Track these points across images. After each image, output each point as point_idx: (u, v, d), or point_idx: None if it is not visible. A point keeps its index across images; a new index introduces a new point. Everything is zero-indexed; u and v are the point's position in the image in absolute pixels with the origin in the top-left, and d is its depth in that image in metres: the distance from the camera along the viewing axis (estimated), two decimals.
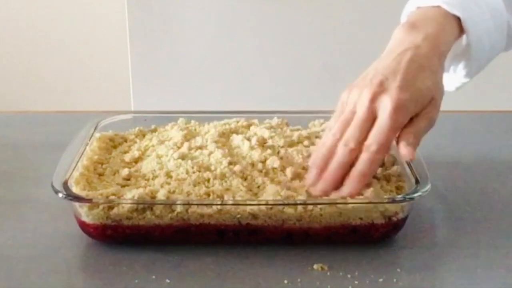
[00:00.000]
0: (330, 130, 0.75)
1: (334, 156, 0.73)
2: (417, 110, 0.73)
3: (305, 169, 0.77)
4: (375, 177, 0.75)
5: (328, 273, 0.67)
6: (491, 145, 0.99)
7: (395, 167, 0.77)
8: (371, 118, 0.72)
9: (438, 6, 0.77)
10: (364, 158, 0.72)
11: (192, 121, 0.90)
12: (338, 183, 0.73)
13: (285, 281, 0.66)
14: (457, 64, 0.83)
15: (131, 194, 0.70)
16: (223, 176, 0.74)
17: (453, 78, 0.85)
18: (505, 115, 1.13)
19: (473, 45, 0.79)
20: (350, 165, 0.73)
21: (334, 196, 0.72)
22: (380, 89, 0.72)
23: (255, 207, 0.69)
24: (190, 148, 0.80)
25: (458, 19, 0.77)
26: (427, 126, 0.74)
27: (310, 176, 0.74)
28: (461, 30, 0.78)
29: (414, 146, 0.73)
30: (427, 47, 0.74)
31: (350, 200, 0.70)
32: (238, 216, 0.70)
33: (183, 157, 0.78)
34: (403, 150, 0.72)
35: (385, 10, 1.63)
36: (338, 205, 0.69)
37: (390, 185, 0.75)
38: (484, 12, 0.79)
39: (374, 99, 0.72)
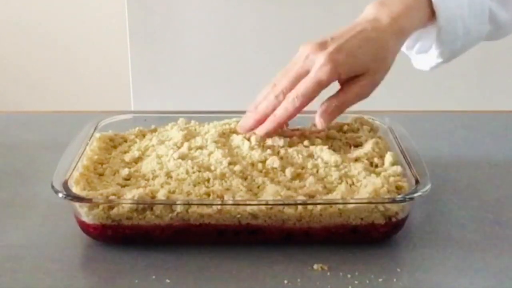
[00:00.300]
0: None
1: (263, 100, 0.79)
2: (348, 75, 0.76)
3: (304, 169, 0.77)
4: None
5: (328, 273, 0.67)
6: (491, 145, 0.99)
7: (395, 167, 0.77)
8: (303, 73, 0.77)
9: None
10: (281, 105, 0.78)
11: (192, 121, 0.90)
12: (259, 124, 0.80)
13: (285, 281, 0.66)
14: (431, 46, 0.85)
15: (131, 194, 0.70)
16: (223, 176, 0.74)
17: (427, 58, 0.88)
18: (505, 115, 1.13)
19: (443, 28, 0.81)
20: (276, 108, 0.78)
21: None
22: (320, 48, 0.76)
23: (255, 207, 0.69)
24: (190, 148, 0.80)
25: (430, 1, 0.79)
26: (356, 98, 0.78)
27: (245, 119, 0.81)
28: (433, 13, 0.80)
29: (331, 116, 0.78)
30: (387, 23, 0.77)
31: (350, 200, 0.70)
32: (238, 216, 0.70)
33: (183, 157, 0.78)
34: (317, 118, 0.78)
35: None
36: (338, 205, 0.69)
37: (390, 185, 0.74)
38: None
39: (311, 54, 0.77)
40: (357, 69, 0.77)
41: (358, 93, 0.78)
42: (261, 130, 0.80)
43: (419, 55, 0.87)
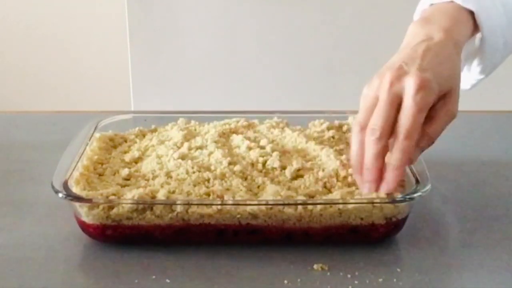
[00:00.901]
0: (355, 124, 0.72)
1: (365, 151, 0.70)
2: (439, 93, 0.70)
3: (304, 169, 0.77)
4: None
5: (328, 273, 0.67)
6: (491, 145, 0.99)
7: None
8: (395, 102, 0.69)
9: (451, 1, 0.77)
10: (395, 149, 0.69)
11: (192, 121, 0.90)
12: (380, 176, 0.70)
13: (285, 281, 0.66)
14: (471, 61, 0.83)
15: (131, 194, 0.70)
16: (223, 176, 0.74)
17: (467, 75, 0.85)
18: (505, 115, 1.13)
19: (487, 39, 0.79)
20: (385, 153, 0.70)
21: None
22: (401, 72, 0.70)
23: (255, 207, 0.69)
24: (190, 148, 0.80)
25: (471, 13, 0.77)
26: (448, 121, 0.72)
27: (357, 181, 0.72)
28: (474, 24, 0.78)
29: (423, 149, 0.72)
30: (442, 37, 0.74)
31: (350, 201, 0.70)
32: (238, 216, 0.70)
33: (183, 157, 0.78)
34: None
35: (385, 11, 1.64)
36: (338, 205, 0.69)
37: None
38: (498, 6, 0.79)
39: (395, 81, 0.69)
40: (444, 88, 0.71)
41: (448, 119, 0.72)
42: (387, 187, 0.70)
43: None
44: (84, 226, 0.71)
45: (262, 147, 0.80)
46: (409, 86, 0.69)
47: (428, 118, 0.71)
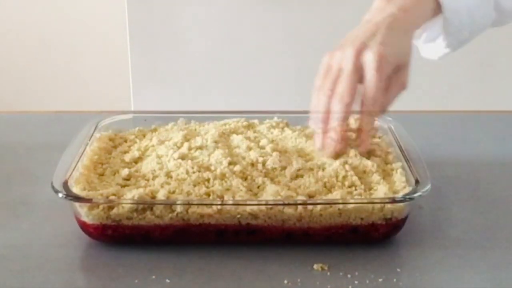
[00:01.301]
0: (319, 90, 0.79)
1: (332, 114, 0.77)
2: (394, 66, 0.78)
3: (304, 169, 0.77)
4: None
5: (328, 273, 0.67)
6: (491, 145, 0.99)
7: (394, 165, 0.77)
8: (358, 73, 0.77)
9: None
10: (367, 119, 0.78)
11: (192, 121, 0.90)
12: (345, 138, 0.78)
13: (285, 281, 0.66)
14: (438, 36, 0.87)
15: (131, 194, 0.70)
16: (223, 176, 0.74)
17: (435, 47, 0.90)
18: (505, 115, 1.13)
19: (449, 19, 0.83)
20: (348, 116, 0.78)
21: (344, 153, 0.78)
22: (362, 46, 0.77)
23: (255, 207, 0.69)
24: (190, 148, 0.80)
25: None
26: (399, 92, 0.80)
27: (316, 141, 0.79)
28: (439, 4, 0.82)
29: (377, 116, 0.81)
30: (402, 17, 0.79)
31: (350, 201, 0.70)
32: (238, 216, 0.70)
33: (183, 157, 0.78)
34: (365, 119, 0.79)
35: None
36: (338, 205, 0.69)
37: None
38: None
39: (358, 54, 0.77)
40: (399, 62, 0.78)
41: (400, 89, 0.80)
42: (364, 146, 0.80)
43: (427, 44, 0.88)
44: (84, 226, 0.71)
45: (262, 147, 0.81)
46: (370, 60, 0.76)
47: (383, 90, 0.78)
